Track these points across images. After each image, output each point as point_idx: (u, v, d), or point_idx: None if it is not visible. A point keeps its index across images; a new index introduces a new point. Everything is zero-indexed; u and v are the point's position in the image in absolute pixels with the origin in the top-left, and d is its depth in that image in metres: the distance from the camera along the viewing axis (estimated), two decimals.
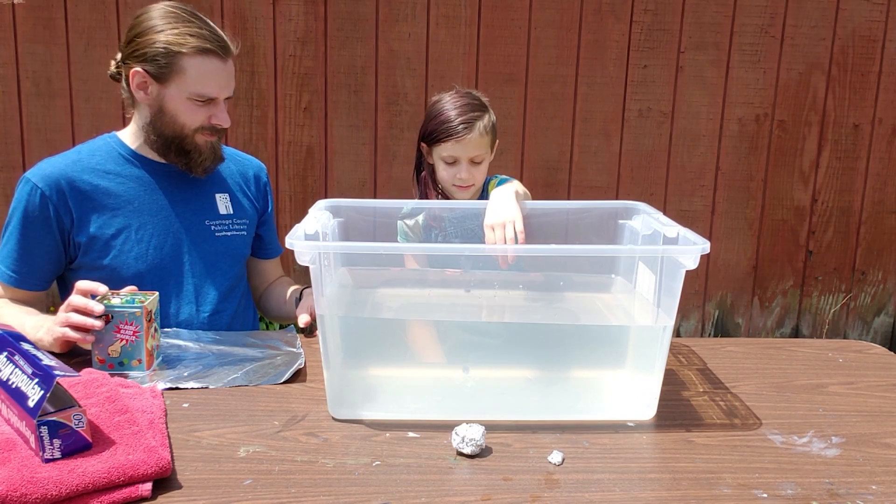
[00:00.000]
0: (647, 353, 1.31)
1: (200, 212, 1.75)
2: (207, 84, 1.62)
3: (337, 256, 1.40)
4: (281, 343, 1.59)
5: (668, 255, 1.30)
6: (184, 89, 1.62)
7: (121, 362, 1.40)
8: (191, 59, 1.60)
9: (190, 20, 1.63)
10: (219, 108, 1.66)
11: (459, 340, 1.38)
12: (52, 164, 1.68)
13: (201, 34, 1.61)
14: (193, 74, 1.60)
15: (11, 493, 0.98)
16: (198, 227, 1.74)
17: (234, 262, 1.80)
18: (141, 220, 1.68)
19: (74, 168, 1.67)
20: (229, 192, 1.81)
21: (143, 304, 1.40)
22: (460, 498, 1.05)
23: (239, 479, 1.08)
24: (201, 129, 1.66)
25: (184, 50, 1.59)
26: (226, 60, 1.64)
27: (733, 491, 1.08)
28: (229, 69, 1.65)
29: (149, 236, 1.68)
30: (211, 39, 1.61)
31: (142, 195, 1.70)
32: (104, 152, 1.72)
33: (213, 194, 1.78)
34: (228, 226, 1.78)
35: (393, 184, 3.35)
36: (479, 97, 1.83)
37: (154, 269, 1.68)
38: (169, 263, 1.70)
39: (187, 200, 1.74)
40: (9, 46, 3.22)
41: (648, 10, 3.24)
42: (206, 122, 1.65)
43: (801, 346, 1.71)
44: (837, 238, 3.47)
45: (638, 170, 3.38)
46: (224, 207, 1.79)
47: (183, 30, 1.60)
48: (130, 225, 1.67)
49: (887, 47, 3.28)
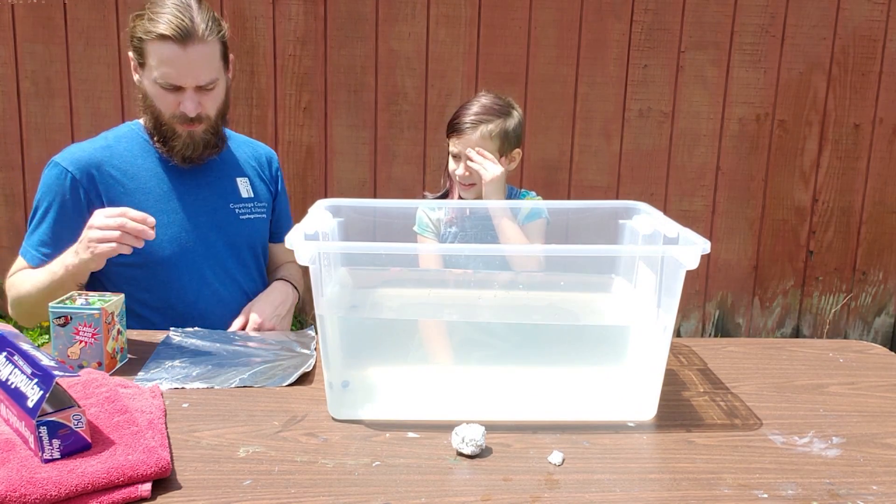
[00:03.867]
0: (647, 353, 1.31)
1: (224, 196, 1.79)
2: (166, 70, 1.61)
3: (337, 256, 1.40)
4: (296, 345, 1.59)
5: (668, 255, 1.30)
6: (150, 75, 1.64)
7: (80, 364, 1.40)
8: (152, 44, 1.61)
9: (167, 8, 1.60)
10: (185, 95, 1.64)
11: (460, 340, 1.38)
12: (82, 149, 1.71)
13: (167, 21, 1.59)
14: (155, 60, 1.62)
15: (11, 493, 0.98)
16: (223, 210, 1.78)
17: (257, 243, 1.85)
18: (169, 205, 1.71)
19: (104, 153, 1.71)
20: (248, 177, 1.86)
21: (101, 307, 1.39)
22: (460, 498, 1.05)
23: (239, 480, 1.08)
24: (176, 118, 1.67)
25: (147, 37, 1.61)
26: (185, 47, 1.59)
27: (734, 491, 1.08)
28: (191, 56, 1.61)
29: (179, 219, 1.71)
30: (173, 26, 1.58)
31: (168, 180, 1.73)
32: (129, 139, 1.75)
33: (234, 178, 1.82)
34: (251, 209, 1.82)
35: (393, 184, 3.35)
36: (504, 102, 1.87)
37: (185, 252, 1.71)
38: (199, 246, 1.73)
39: (210, 185, 1.78)
40: (8, 46, 3.22)
41: (649, 9, 3.24)
42: (178, 110, 1.66)
43: (802, 346, 1.71)
44: (838, 238, 3.47)
45: (638, 170, 3.38)
46: (245, 191, 1.83)
47: (154, 17, 1.60)
48: (160, 209, 1.69)
49: (888, 47, 3.28)
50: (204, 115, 1.68)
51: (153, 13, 1.61)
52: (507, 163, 1.87)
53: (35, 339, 3.28)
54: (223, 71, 1.70)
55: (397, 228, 1.74)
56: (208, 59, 1.63)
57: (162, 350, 1.53)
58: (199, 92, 1.65)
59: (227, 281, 1.78)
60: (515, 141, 1.86)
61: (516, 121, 1.85)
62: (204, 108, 1.67)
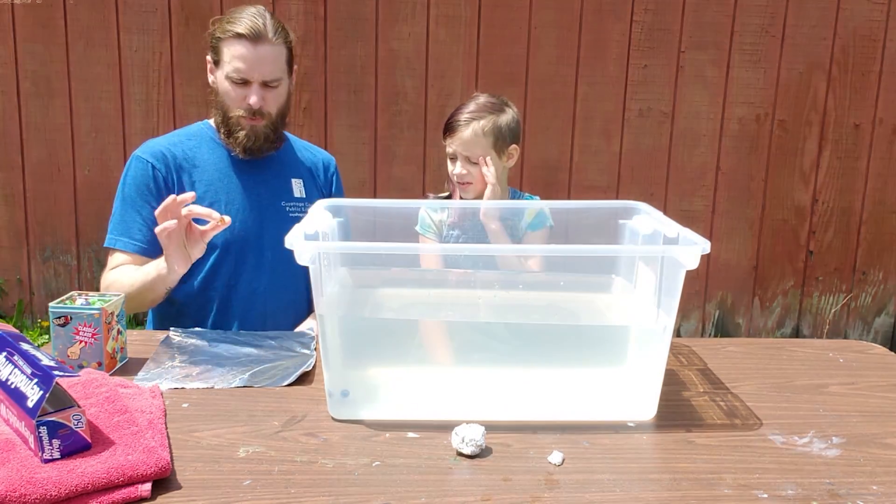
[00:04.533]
0: (647, 353, 1.31)
1: (278, 193, 1.92)
2: (237, 64, 1.79)
3: (337, 256, 1.40)
4: (296, 345, 1.60)
5: (668, 255, 1.30)
6: (223, 71, 1.81)
7: (80, 364, 1.40)
8: (228, 42, 1.79)
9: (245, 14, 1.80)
10: (251, 89, 1.80)
11: (459, 340, 1.38)
12: (157, 143, 1.88)
13: (243, 22, 1.78)
14: (228, 57, 1.80)
15: (11, 493, 0.98)
16: (275, 206, 1.90)
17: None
18: (229, 196, 1.86)
19: (176, 147, 1.87)
20: (303, 178, 1.98)
21: (101, 307, 1.39)
22: (460, 498, 1.05)
23: (238, 480, 1.08)
24: (242, 112, 1.82)
25: (224, 35, 1.80)
26: (256, 45, 1.77)
27: (734, 491, 1.08)
28: (260, 53, 1.78)
29: (235, 210, 1.84)
30: (247, 27, 1.77)
31: (229, 174, 1.88)
32: (199, 136, 1.92)
33: (289, 178, 1.95)
34: (301, 208, 1.91)
35: (393, 183, 3.35)
36: (498, 100, 1.88)
37: (238, 241, 1.84)
38: (250, 236, 1.86)
39: (266, 182, 1.91)
40: (8, 46, 3.22)
41: (649, 9, 3.24)
42: (244, 104, 1.81)
43: (802, 346, 1.71)
44: (838, 238, 3.47)
45: (638, 170, 3.38)
46: (298, 191, 1.96)
47: (232, 20, 1.79)
48: (220, 199, 1.85)
49: (888, 47, 3.28)
50: (266, 111, 1.83)
51: (231, 17, 1.80)
52: (505, 160, 1.87)
53: (35, 339, 3.28)
54: (287, 74, 1.86)
55: (397, 228, 1.74)
56: (274, 58, 1.81)
57: (162, 350, 1.53)
58: (263, 88, 1.81)
59: (272, 271, 1.88)
60: (511, 137, 1.86)
61: (510, 117, 1.85)
62: (266, 104, 1.82)
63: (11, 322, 3.37)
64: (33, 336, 3.34)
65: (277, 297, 1.89)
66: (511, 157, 1.89)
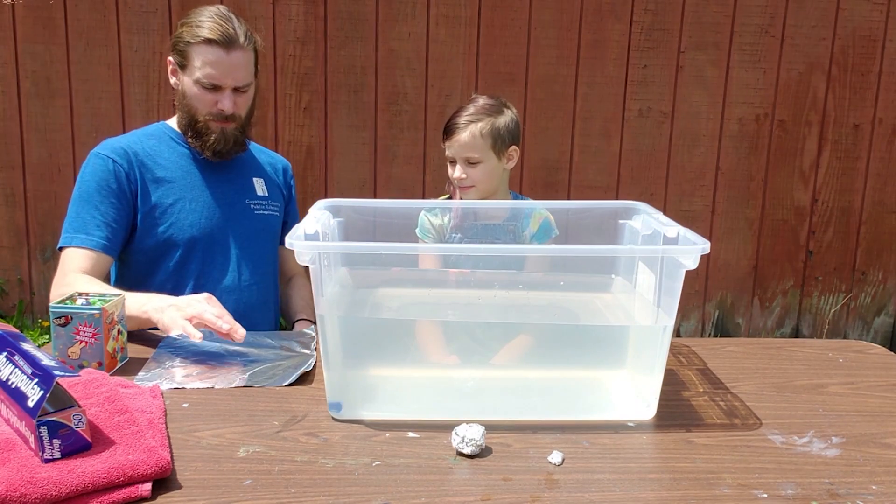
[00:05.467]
0: (647, 353, 1.31)
1: (241, 191, 1.93)
2: (209, 70, 1.78)
3: (337, 256, 1.40)
4: (296, 344, 1.60)
5: (668, 255, 1.30)
6: (192, 76, 1.80)
7: (80, 364, 1.40)
8: (198, 48, 1.78)
9: (210, 17, 1.78)
10: (224, 94, 1.80)
11: (459, 340, 1.38)
12: (117, 140, 1.86)
13: (212, 27, 1.76)
14: (199, 62, 1.78)
15: (11, 493, 0.98)
16: (240, 204, 1.91)
17: (269, 238, 1.98)
18: (194, 194, 1.85)
19: (137, 145, 1.86)
20: (264, 178, 2.01)
21: (102, 307, 1.39)
22: (460, 498, 1.05)
23: (239, 480, 1.08)
24: (211, 115, 1.82)
25: (193, 40, 1.78)
26: (229, 52, 1.77)
27: (733, 491, 1.08)
28: (232, 60, 1.78)
29: (201, 207, 1.85)
30: (218, 32, 1.76)
31: (192, 172, 1.87)
32: (158, 136, 1.91)
33: (250, 177, 1.97)
34: (265, 206, 1.96)
35: (393, 183, 3.35)
36: (496, 102, 1.87)
37: (204, 238, 1.84)
38: (217, 234, 1.86)
39: (230, 181, 1.92)
40: (8, 46, 3.22)
41: (648, 9, 3.24)
42: (214, 108, 1.81)
43: (802, 346, 1.71)
44: (838, 238, 3.47)
45: (638, 170, 3.38)
46: (261, 189, 1.98)
47: (200, 24, 1.78)
48: (185, 197, 1.84)
49: (887, 47, 3.28)
50: (237, 115, 1.84)
51: (198, 20, 1.79)
52: (504, 161, 1.87)
53: (35, 339, 3.28)
54: (254, 77, 1.88)
55: (397, 228, 1.74)
56: (246, 63, 1.82)
57: (162, 350, 1.54)
58: (235, 93, 1.82)
59: (238, 268, 1.88)
60: (510, 138, 1.86)
61: (508, 118, 1.85)
62: (237, 108, 1.84)
63: (12, 322, 3.37)
64: (34, 336, 3.34)
65: (248, 293, 1.88)
66: (511, 158, 1.88)
